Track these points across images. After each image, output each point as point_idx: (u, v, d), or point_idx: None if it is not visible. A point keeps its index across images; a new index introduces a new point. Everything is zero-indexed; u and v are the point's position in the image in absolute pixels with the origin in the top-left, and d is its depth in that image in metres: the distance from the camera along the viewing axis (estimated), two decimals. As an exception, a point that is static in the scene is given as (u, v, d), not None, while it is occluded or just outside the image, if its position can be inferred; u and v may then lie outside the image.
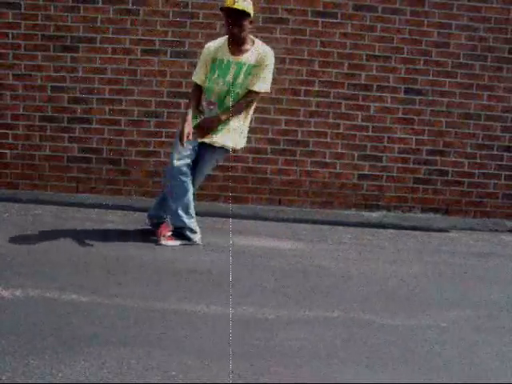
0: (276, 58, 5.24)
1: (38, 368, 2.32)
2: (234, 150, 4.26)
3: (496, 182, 5.43)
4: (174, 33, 5.17)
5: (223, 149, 4.07)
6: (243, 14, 3.78)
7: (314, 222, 5.10)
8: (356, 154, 5.35)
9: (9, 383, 2.20)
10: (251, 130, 5.27)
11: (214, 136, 3.98)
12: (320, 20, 5.19)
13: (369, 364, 2.58)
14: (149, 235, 4.31)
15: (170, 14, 5.16)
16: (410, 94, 5.30)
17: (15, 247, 3.84)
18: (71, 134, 5.26)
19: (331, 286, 3.57)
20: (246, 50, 3.93)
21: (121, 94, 5.23)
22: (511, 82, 5.32)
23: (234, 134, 4.03)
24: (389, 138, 5.35)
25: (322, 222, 5.09)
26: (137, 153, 5.28)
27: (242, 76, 3.91)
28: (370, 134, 5.34)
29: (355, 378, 2.46)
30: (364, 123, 5.32)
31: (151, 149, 5.28)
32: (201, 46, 5.14)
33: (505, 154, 5.42)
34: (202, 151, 4.05)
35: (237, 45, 3.92)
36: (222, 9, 3.86)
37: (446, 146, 5.38)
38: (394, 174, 5.39)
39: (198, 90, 4.05)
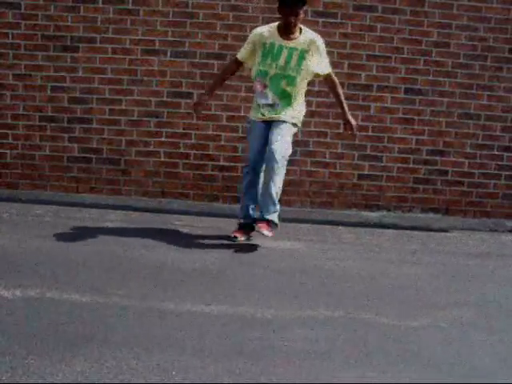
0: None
1: (38, 368, 2.32)
2: None
3: (496, 181, 5.43)
4: (173, 33, 5.17)
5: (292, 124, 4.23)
6: (302, 5, 4.03)
7: (314, 222, 5.10)
8: (356, 154, 5.35)
9: (9, 383, 2.20)
10: (251, 130, 5.28)
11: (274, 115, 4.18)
12: (320, 20, 5.19)
13: (369, 364, 2.58)
14: (148, 235, 4.32)
15: (170, 14, 5.16)
16: (410, 93, 5.30)
17: (15, 247, 3.84)
18: (71, 134, 5.26)
19: (331, 285, 3.57)
20: (296, 37, 4.14)
21: (121, 94, 5.23)
22: (511, 81, 5.32)
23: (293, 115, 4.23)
24: (389, 137, 5.35)
25: (322, 222, 5.09)
26: (137, 153, 5.28)
27: (294, 60, 4.13)
28: (370, 133, 5.33)
29: (355, 378, 2.46)
30: (364, 123, 5.31)
31: (151, 149, 5.28)
32: (201, 45, 5.19)
33: (505, 154, 5.41)
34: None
35: (289, 32, 4.13)
36: (279, 1, 4.06)
37: (446, 146, 5.38)
38: (394, 174, 5.39)
39: (234, 67, 4.32)
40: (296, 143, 5.29)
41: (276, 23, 4.21)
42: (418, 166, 5.39)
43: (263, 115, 4.20)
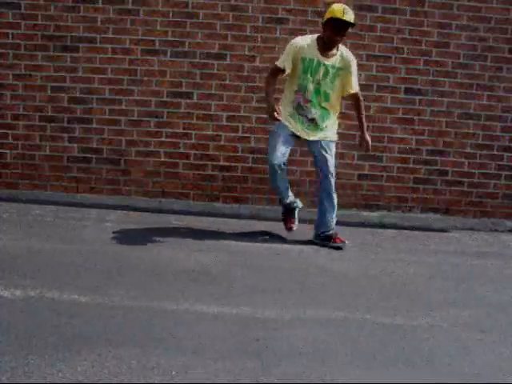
0: (276, 57, 5.26)
1: (38, 368, 2.32)
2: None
3: (496, 182, 5.43)
4: (173, 33, 5.17)
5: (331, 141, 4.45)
6: (349, 26, 4.14)
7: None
8: (356, 154, 5.35)
9: (9, 383, 2.20)
10: (251, 130, 5.30)
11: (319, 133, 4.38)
12: (320, 20, 5.19)
13: (369, 364, 2.58)
14: (148, 235, 4.32)
15: (170, 14, 5.16)
16: (409, 94, 5.30)
17: (15, 247, 3.84)
18: (71, 134, 5.26)
19: (331, 285, 3.57)
20: (333, 54, 4.27)
21: (121, 94, 5.23)
22: (511, 81, 5.33)
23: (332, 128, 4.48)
24: (389, 138, 5.35)
25: (322, 222, 5.08)
26: (137, 153, 5.28)
27: (329, 77, 4.27)
28: (370, 134, 5.32)
29: (355, 378, 2.46)
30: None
31: (151, 149, 5.28)
32: (201, 46, 5.19)
33: (505, 154, 5.42)
34: (314, 148, 4.43)
35: (329, 49, 4.24)
36: (332, 18, 4.11)
37: (445, 146, 5.38)
38: (394, 174, 5.39)
39: (276, 77, 4.34)
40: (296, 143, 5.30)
41: (315, 36, 4.31)
42: (418, 166, 5.39)
43: (297, 129, 4.35)
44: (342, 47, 4.33)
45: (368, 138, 4.49)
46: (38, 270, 3.44)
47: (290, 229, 4.56)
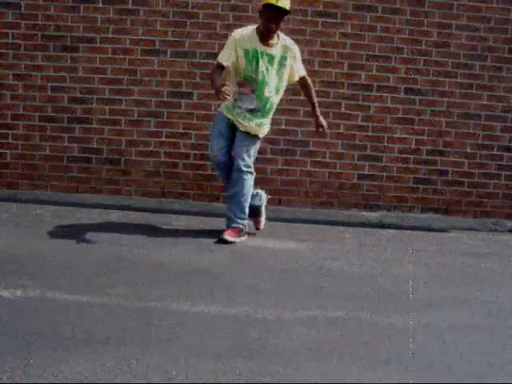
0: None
1: (38, 368, 2.32)
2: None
3: (496, 182, 5.43)
4: (173, 33, 5.17)
5: (256, 137, 4.36)
6: (284, 13, 4.10)
7: (314, 222, 5.10)
8: (356, 154, 5.35)
9: (9, 383, 2.20)
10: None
11: (248, 125, 4.29)
12: (320, 20, 5.20)
13: (369, 364, 2.58)
14: (148, 235, 4.32)
15: (170, 14, 5.17)
16: (409, 94, 5.30)
17: (15, 247, 3.84)
18: (71, 134, 5.26)
19: (331, 285, 3.57)
20: (275, 43, 4.23)
21: (121, 93, 5.23)
22: (511, 81, 5.33)
23: (266, 126, 4.40)
24: (389, 137, 5.35)
25: (322, 222, 5.09)
26: (137, 153, 5.28)
27: (274, 66, 4.23)
28: (370, 134, 5.34)
29: (355, 378, 2.45)
30: (364, 123, 5.32)
31: (151, 149, 5.28)
32: (201, 46, 5.19)
33: (505, 154, 5.42)
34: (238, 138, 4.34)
35: (269, 38, 4.21)
36: (265, 5, 4.09)
37: (445, 146, 5.38)
38: (394, 174, 5.39)
39: (221, 71, 4.24)
40: (296, 143, 5.32)
41: (254, 27, 4.27)
42: (418, 166, 5.39)
43: (237, 120, 4.30)
44: (282, 35, 4.29)
45: (323, 120, 4.48)
46: (38, 270, 3.44)
47: (257, 229, 4.61)
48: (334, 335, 2.85)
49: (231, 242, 4.23)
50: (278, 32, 4.26)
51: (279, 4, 4.04)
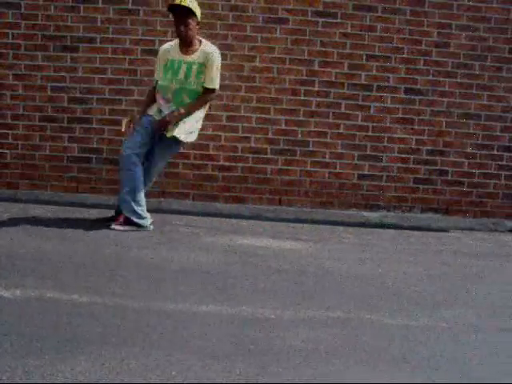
0: (276, 57, 5.27)
1: (38, 368, 2.32)
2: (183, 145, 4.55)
3: (496, 182, 5.43)
4: (174, 33, 5.16)
5: (174, 141, 4.28)
6: (188, 13, 4.05)
7: (314, 221, 5.10)
8: (356, 154, 5.35)
9: (9, 383, 2.20)
10: (251, 130, 5.30)
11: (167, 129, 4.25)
12: (320, 20, 5.20)
13: (369, 364, 2.58)
14: (148, 235, 4.32)
15: (170, 14, 5.15)
16: (409, 94, 5.31)
17: (15, 247, 3.84)
18: (71, 134, 5.27)
19: (331, 285, 3.57)
20: (195, 50, 4.21)
21: (121, 93, 5.23)
22: (511, 81, 5.33)
23: (184, 127, 4.27)
24: (389, 138, 5.36)
25: (322, 222, 5.09)
26: (137, 153, 5.27)
27: (193, 74, 4.20)
28: (370, 134, 5.34)
29: (355, 378, 2.45)
30: (364, 123, 5.32)
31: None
32: (201, 45, 5.18)
33: (505, 154, 5.42)
34: (156, 145, 4.32)
35: (186, 45, 4.19)
36: (168, 8, 4.16)
37: (445, 146, 5.38)
38: (394, 174, 5.39)
39: (154, 88, 4.37)
40: (296, 143, 5.32)
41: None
42: (418, 166, 5.39)
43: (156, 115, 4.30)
44: (205, 42, 4.29)
45: (169, 119, 4.23)
46: (38, 270, 3.44)
47: (110, 225, 4.38)
48: (334, 335, 2.85)
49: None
50: (201, 39, 4.27)
51: (180, 2, 4.02)
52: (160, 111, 4.30)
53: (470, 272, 4.06)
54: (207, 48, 4.24)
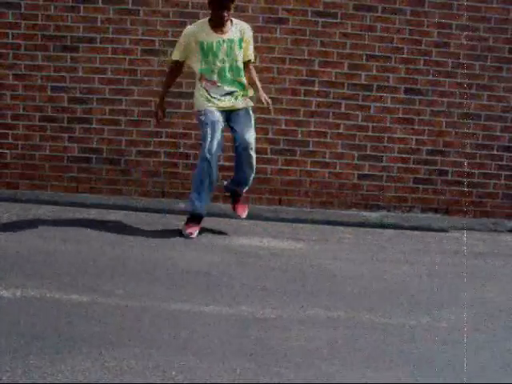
0: (276, 57, 5.27)
1: (38, 368, 2.32)
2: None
3: (496, 182, 5.43)
4: (173, 33, 5.17)
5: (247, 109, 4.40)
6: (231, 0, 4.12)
7: (314, 221, 5.10)
8: (356, 154, 5.35)
9: (9, 383, 2.20)
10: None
11: (234, 102, 4.34)
12: (320, 20, 5.20)
13: (369, 364, 2.58)
14: (149, 235, 4.32)
15: (170, 14, 5.17)
16: (409, 94, 5.30)
17: (15, 247, 3.84)
18: (71, 134, 5.27)
19: (331, 285, 3.57)
20: (228, 29, 4.27)
21: (121, 93, 5.23)
22: (511, 81, 5.32)
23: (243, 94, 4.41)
24: (389, 138, 5.35)
25: (322, 222, 5.09)
26: (137, 153, 5.28)
27: (235, 51, 4.28)
28: (370, 134, 5.34)
29: (355, 377, 2.46)
30: (364, 123, 5.32)
31: (151, 149, 5.28)
32: (201, 45, 5.18)
33: (505, 154, 5.42)
34: (234, 117, 4.36)
35: (222, 25, 4.23)
36: None
37: (445, 146, 5.38)
38: (394, 174, 5.39)
39: (177, 69, 4.43)
40: (296, 143, 5.32)
41: (206, 19, 4.31)
42: (418, 166, 5.39)
43: (222, 104, 4.30)
44: (235, 20, 4.32)
45: (266, 97, 4.38)
46: (39, 270, 3.44)
47: (189, 233, 4.31)
48: (335, 335, 2.85)
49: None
50: (231, 17, 4.30)
51: None
52: (211, 96, 4.29)
53: (469, 272, 4.05)
54: (241, 24, 4.33)
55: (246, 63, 4.41)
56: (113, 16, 5.15)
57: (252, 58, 4.45)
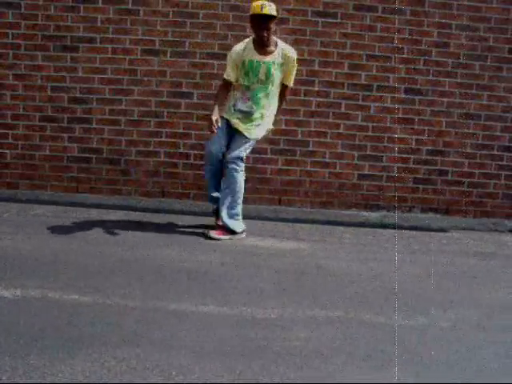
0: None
1: (38, 368, 2.32)
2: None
3: (496, 182, 5.43)
4: (174, 33, 5.18)
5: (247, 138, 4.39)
6: (270, 18, 4.12)
7: (314, 221, 5.10)
8: (356, 154, 5.35)
9: (9, 383, 2.20)
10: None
11: (250, 128, 4.36)
12: (320, 20, 5.20)
13: (369, 364, 2.58)
14: (148, 235, 4.32)
15: (170, 14, 5.17)
16: (409, 93, 5.30)
17: (15, 247, 3.84)
18: (71, 134, 5.27)
19: (331, 285, 3.57)
20: (272, 50, 4.28)
21: (121, 93, 5.23)
22: (511, 81, 5.33)
23: (263, 128, 4.44)
24: (389, 138, 5.36)
25: (322, 222, 5.09)
26: (137, 153, 5.29)
27: (273, 73, 4.29)
28: (370, 134, 5.34)
29: (356, 378, 2.46)
30: (364, 123, 5.32)
31: (151, 149, 5.29)
32: (201, 46, 5.21)
33: (505, 154, 5.42)
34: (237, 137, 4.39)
35: (264, 46, 4.26)
36: (251, 16, 4.17)
37: (445, 146, 5.38)
38: (394, 174, 5.39)
39: (227, 88, 4.39)
40: (296, 143, 5.32)
41: (250, 38, 4.34)
42: (418, 166, 5.39)
43: (233, 121, 4.36)
44: (281, 43, 4.34)
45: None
46: (39, 270, 3.44)
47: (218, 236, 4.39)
48: (335, 335, 2.85)
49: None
50: (276, 39, 4.32)
51: (264, 12, 4.09)
52: (234, 109, 4.36)
53: (469, 272, 4.06)
54: (286, 49, 4.33)
55: (283, 87, 4.45)
56: (113, 16, 5.15)
57: (290, 84, 4.47)
